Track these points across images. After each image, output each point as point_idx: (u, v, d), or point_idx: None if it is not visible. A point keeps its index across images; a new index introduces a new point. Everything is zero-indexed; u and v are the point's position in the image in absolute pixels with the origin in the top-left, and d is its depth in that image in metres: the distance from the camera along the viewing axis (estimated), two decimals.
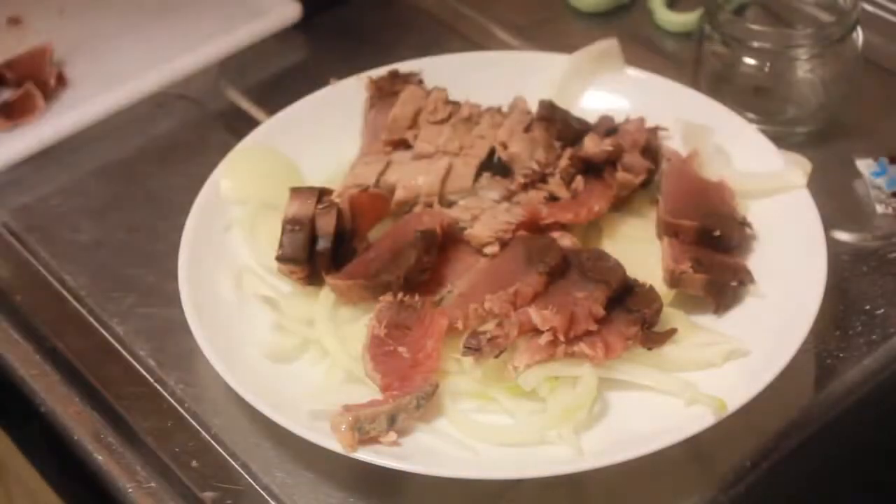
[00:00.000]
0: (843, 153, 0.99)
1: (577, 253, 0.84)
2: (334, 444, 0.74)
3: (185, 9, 1.16)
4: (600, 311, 0.78)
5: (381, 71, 1.00)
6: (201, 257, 0.86)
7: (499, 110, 0.96)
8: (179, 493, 0.78)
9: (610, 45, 1.01)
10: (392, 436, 0.74)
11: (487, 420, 0.77)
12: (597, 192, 0.88)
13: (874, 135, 1.01)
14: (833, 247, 0.87)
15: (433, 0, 1.19)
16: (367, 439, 0.74)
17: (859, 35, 0.98)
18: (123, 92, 1.05)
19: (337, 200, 0.86)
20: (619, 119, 0.95)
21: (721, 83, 1.00)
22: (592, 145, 0.90)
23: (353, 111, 0.99)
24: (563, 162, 0.90)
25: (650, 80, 0.99)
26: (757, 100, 1.00)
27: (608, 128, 0.94)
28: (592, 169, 0.90)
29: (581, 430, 0.76)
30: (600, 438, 0.76)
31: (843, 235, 0.92)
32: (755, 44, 0.97)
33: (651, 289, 0.82)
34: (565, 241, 0.85)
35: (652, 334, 0.79)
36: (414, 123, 0.95)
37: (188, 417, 0.82)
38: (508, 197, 0.88)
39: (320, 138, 0.97)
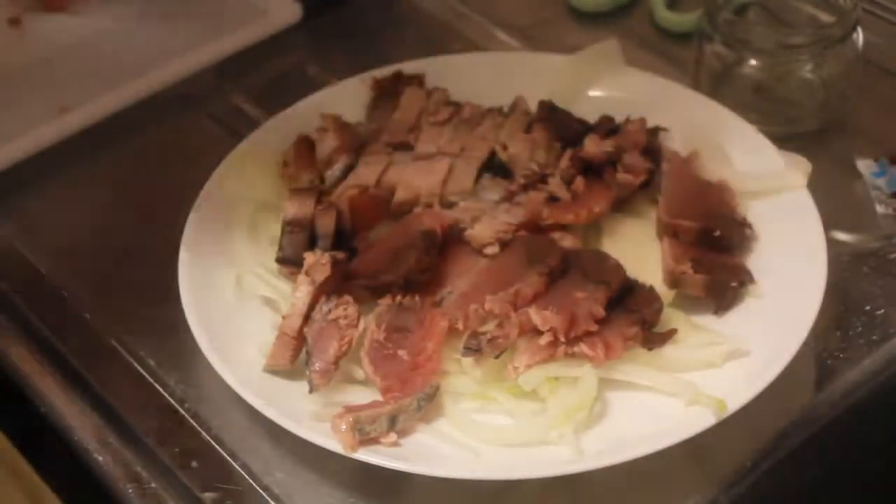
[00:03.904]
0: (843, 153, 0.99)
1: (578, 253, 0.84)
2: (334, 445, 0.74)
3: (185, 9, 1.16)
4: (601, 312, 0.78)
5: (384, 71, 1.00)
6: (201, 257, 0.86)
7: (500, 111, 0.96)
8: (179, 494, 0.78)
9: (610, 45, 1.01)
10: (392, 437, 0.74)
11: (488, 420, 0.77)
12: (597, 192, 0.88)
13: (874, 135, 1.01)
14: (833, 247, 0.86)
15: (434, 0, 1.19)
16: (368, 440, 0.74)
17: (859, 35, 0.98)
18: (123, 92, 1.05)
19: (337, 201, 0.86)
20: (619, 119, 0.95)
21: (721, 83, 1.00)
22: (593, 146, 0.90)
23: (354, 111, 0.99)
24: (564, 163, 0.90)
25: (650, 80, 0.99)
26: (757, 100, 1.00)
27: (608, 128, 0.94)
28: (592, 170, 0.90)
29: (581, 431, 0.76)
30: (600, 438, 0.76)
31: (843, 235, 0.92)
32: (755, 44, 0.97)
33: (651, 289, 0.82)
34: (566, 241, 0.85)
35: (652, 335, 0.79)
36: (415, 124, 0.95)
37: (188, 417, 0.82)
38: (509, 198, 0.88)
39: None
